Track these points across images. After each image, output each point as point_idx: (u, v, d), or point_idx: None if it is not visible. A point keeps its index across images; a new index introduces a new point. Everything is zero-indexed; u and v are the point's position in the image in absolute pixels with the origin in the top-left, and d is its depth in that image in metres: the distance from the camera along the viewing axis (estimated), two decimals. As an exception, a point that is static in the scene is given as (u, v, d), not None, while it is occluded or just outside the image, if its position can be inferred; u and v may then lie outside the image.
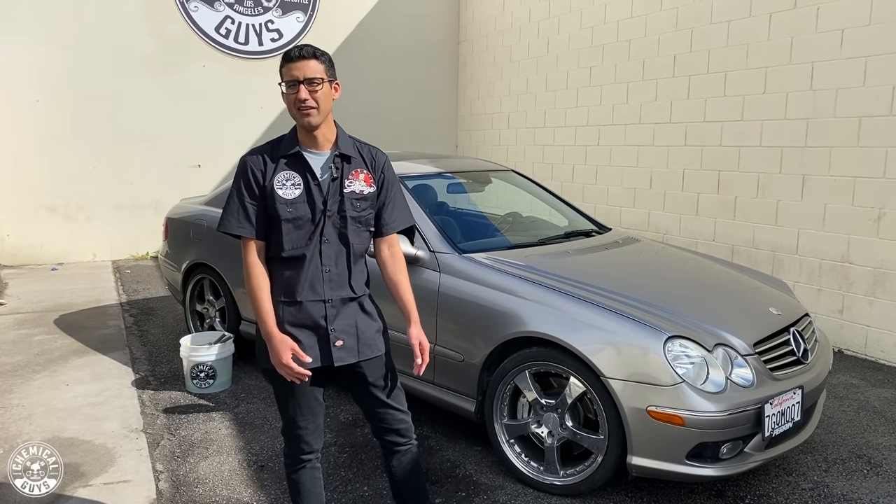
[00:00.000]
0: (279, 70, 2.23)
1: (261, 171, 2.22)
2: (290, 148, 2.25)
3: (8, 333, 5.37)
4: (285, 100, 2.22)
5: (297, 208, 2.20)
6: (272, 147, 2.28)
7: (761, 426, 2.81)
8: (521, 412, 3.24)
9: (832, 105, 5.16)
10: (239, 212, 2.23)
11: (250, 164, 2.24)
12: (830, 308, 5.30)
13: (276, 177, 2.21)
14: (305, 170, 2.24)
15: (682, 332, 2.92)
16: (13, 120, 7.80)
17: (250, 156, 2.26)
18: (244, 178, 2.23)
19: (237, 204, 2.23)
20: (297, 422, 2.33)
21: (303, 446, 2.37)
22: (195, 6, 8.60)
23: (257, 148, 2.30)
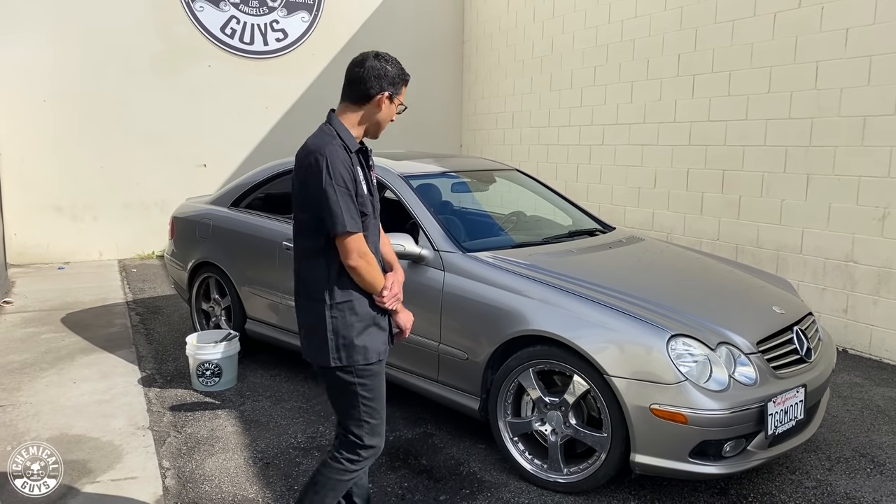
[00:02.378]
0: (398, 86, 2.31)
1: (349, 165, 2.21)
2: (355, 143, 2.28)
3: (15, 331, 5.41)
4: (389, 112, 2.31)
5: (368, 203, 2.28)
6: (339, 141, 2.23)
7: (764, 424, 2.82)
8: (525, 410, 3.25)
9: (837, 104, 5.16)
10: (350, 208, 2.17)
11: (342, 159, 2.19)
12: (835, 307, 5.30)
13: (356, 171, 2.24)
14: (365, 165, 2.32)
15: (685, 330, 2.93)
16: (21, 119, 7.85)
17: (336, 150, 2.19)
18: (345, 173, 2.17)
19: (347, 200, 2.17)
20: (384, 411, 2.36)
21: (383, 436, 2.38)
22: (201, 6, 8.64)
23: (328, 140, 2.21)
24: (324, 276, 2.25)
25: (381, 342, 2.34)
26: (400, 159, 4.52)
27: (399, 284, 2.38)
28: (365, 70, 2.28)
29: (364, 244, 2.21)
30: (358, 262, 2.19)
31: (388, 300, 2.29)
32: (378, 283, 2.26)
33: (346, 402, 2.31)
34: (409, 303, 3.65)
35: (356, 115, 2.30)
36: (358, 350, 2.26)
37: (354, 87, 2.28)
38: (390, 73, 2.30)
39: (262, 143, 9.16)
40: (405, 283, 3.60)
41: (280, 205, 4.93)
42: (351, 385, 2.28)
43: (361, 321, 2.27)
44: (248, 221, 4.66)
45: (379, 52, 2.35)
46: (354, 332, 2.25)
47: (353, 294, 2.26)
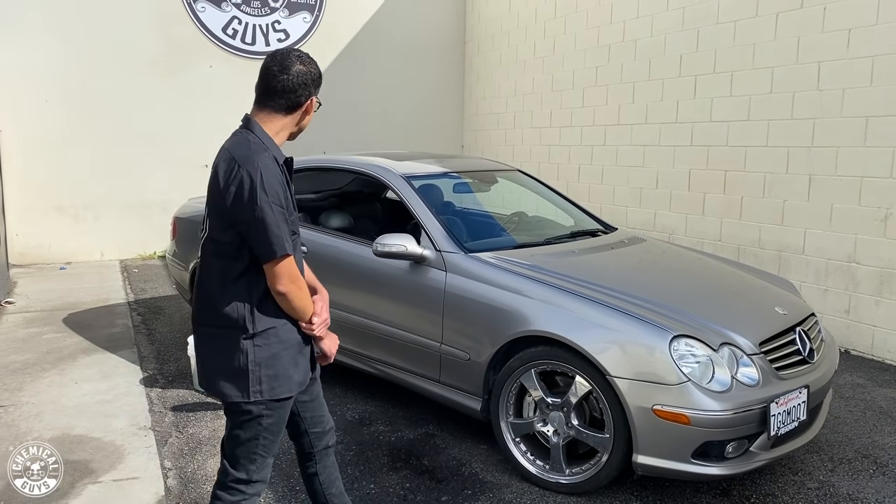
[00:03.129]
0: (319, 87, 2.14)
1: (282, 180, 2.03)
2: (281, 155, 2.09)
3: (17, 332, 5.42)
4: (310, 117, 2.16)
5: (296, 219, 2.13)
6: (269, 151, 2.04)
7: (767, 425, 2.82)
8: (527, 411, 3.25)
9: (839, 105, 5.16)
10: (284, 229, 1.98)
11: (278, 174, 2.00)
12: (837, 308, 5.29)
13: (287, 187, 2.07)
14: (289, 179, 2.13)
15: (687, 331, 2.92)
16: (23, 120, 7.85)
17: (269, 164, 1.99)
18: (280, 190, 1.99)
19: (283, 221, 1.98)
20: (276, 448, 2.19)
21: (268, 475, 2.22)
22: (202, 7, 8.64)
23: (262, 152, 2.01)
24: (245, 302, 2.03)
25: (304, 372, 2.16)
26: (402, 160, 4.52)
27: (327, 308, 2.21)
28: (293, 77, 2.06)
29: (295, 268, 2.02)
30: (289, 287, 2.00)
31: (317, 328, 2.12)
32: (308, 310, 2.08)
33: (247, 435, 2.10)
34: (411, 303, 3.67)
35: (281, 123, 2.10)
36: (281, 381, 2.06)
37: (282, 96, 2.07)
38: (315, 74, 2.12)
39: (264, 144, 9.15)
40: (407, 284, 3.64)
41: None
42: (259, 418, 2.08)
43: (287, 349, 2.08)
44: (249, 222, 4.65)
45: (297, 52, 2.12)
46: (279, 362, 2.06)
47: (279, 320, 2.06)
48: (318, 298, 2.20)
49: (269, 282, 2.01)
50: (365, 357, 3.97)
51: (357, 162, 4.47)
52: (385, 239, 3.59)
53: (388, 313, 3.78)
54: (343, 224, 4.58)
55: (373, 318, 3.85)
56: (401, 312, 3.73)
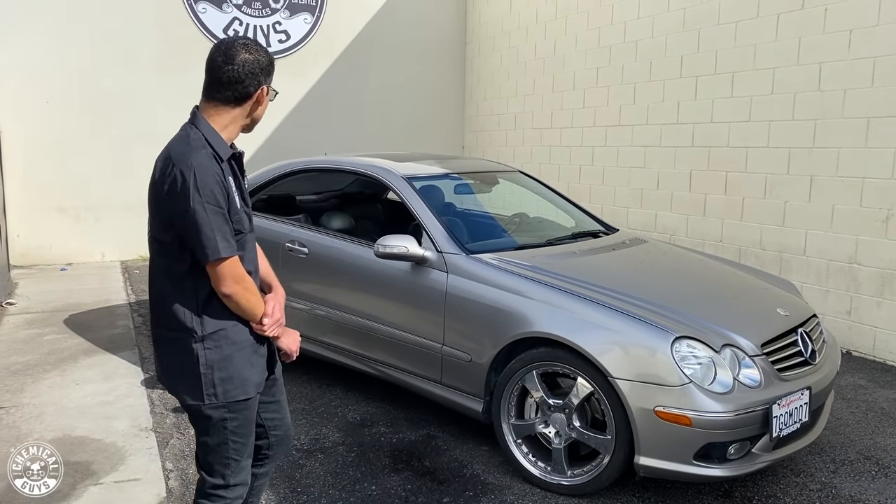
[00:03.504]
0: (270, 75, 2.04)
1: (221, 178, 1.92)
2: (227, 150, 1.99)
3: (18, 333, 5.42)
4: (264, 107, 2.06)
5: (245, 218, 2.04)
6: (208, 148, 1.95)
7: (769, 427, 2.81)
8: (529, 412, 3.25)
9: (840, 106, 5.16)
10: (224, 229, 1.90)
11: (214, 172, 1.90)
12: (838, 309, 5.29)
13: (230, 184, 1.97)
14: (239, 174, 2.05)
15: (689, 332, 2.92)
16: (24, 121, 7.85)
17: (204, 161, 1.90)
18: (216, 188, 1.89)
19: (221, 221, 1.89)
20: (251, 449, 2.14)
21: (248, 478, 2.17)
22: (203, 8, 8.65)
23: (198, 149, 1.92)
24: (192, 303, 1.96)
25: (261, 371, 2.08)
26: (403, 161, 4.52)
27: (280, 307, 2.11)
28: (238, 67, 1.96)
29: (240, 268, 1.95)
30: (233, 288, 1.92)
31: (268, 328, 2.04)
32: (257, 310, 2.00)
33: (215, 440, 2.05)
34: (412, 305, 3.67)
35: (230, 115, 2.00)
36: (236, 384, 2.00)
37: (229, 87, 1.97)
38: (264, 63, 2.00)
39: (264, 145, 9.15)
40: (408, 285, 3.64)
41: (283, 206, 4.93)
42: (222, 422, 2.02)
43: (240, 350, 2.01)
44: (250, 223, 4.65)
45: (243, 40, 2.01)
46: (233, 364, 1.99)
47: (228, 321, 1.99)
48: (271, 297, 2.12)
49: (213, 283, 1.94)
50: (366, 358, 3.96)
51: (358, 163, 4.47)
52: (386, 240, 3.59)
53: (390, 314, 3.78)
54: (344, 225, 4.57)
55: (374, 320, 3.84)
56: (402, 314, 3.73)
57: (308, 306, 4.22)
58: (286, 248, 4.30)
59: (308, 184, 5.28)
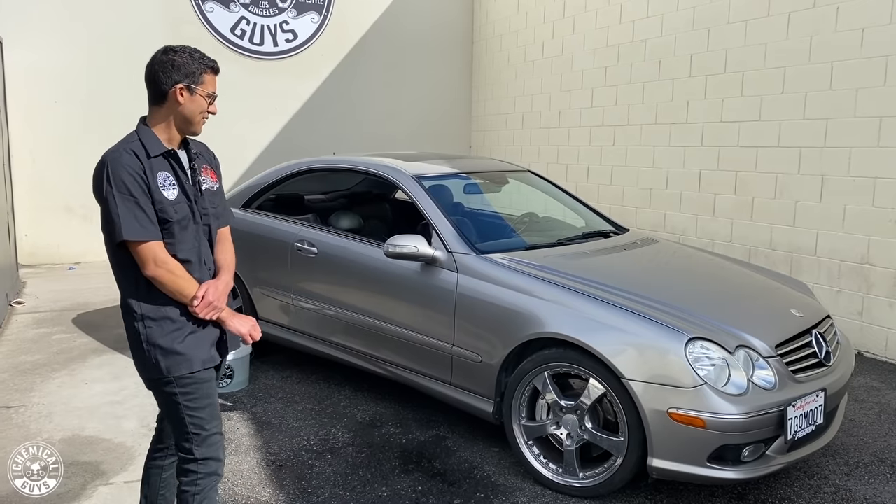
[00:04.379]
0: (198, 75, 2.15)
1: (140, 171, 2.06)
2: (160, 147, 2.14)
3: (27, 332, 5.42)
4: (193, 106, 2.15)
5: (180, 208, 2.14)
6: (136, 146, 2.11)
7: (784, 429, 2.79)
8: (540, 413, 3.22)
9: (852, 105, 5.11)
10: (137, 215, 2.04)
11: (126, 165, 2.05)
12: (850, 310, 5.25)
13: (156, 177, 2.10)
14: (177, 169, 2.18)
15: (703, 333, 2.89)
16: (32, 121, 7.87)
17: (120, 156, 2.06)
18: (127, 179, 2.03)
19: (132, 207, 2.04)
20: (215, 422, 2.23)
21: (221, 454, 2.25)
22: (211, 7, 8.65)
23: (120, 147, 2.10)
24: (133, 286, 2.14)
25: (207, 349, 2.21)
26: (412, 160, 4.50)
27: (216, 291, 2.19)
28: (152, 66, 2.15)
29: (161, 252, 2.08)
30: (156, 271, 2.07)
31: (200, 310, 2.14)
32: (185, 292, 2.12)
33: (173, 415, 2.20)
34: (422, 305, 3.65)
35: (159, 115, 2.16)
36: (178, 360, 2.14)
37: (149, 86, 2.16)
38: (180, 64, 2.12)
39: (272, 144, 9.16)
40: (418, 285, 3.62)
41: (292, 206, 4.92)
42: (174, 397, 2.16)
43: (180, 329, 2.15)
44: (259, 222, 4.65)
45: (171, 45, 2.19)
46: (172, 341, 2.13)
47: (168, 303, 2.14)
48: (207, 283, 2.19)
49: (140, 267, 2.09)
50: (375, 358, 3.95)
51: (367, 162, 4.45)
52: (396, 240, 3.57)
53: (399, 315, 3.76)
54: (353, 225, 4.56)
55: (383, 320, 3.83)
56: (411, 314, 3.71)
57: (317, 306, 4.21)
58: (295, 247, 4.29)
59: (316, 183, 5.26)
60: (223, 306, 2.21)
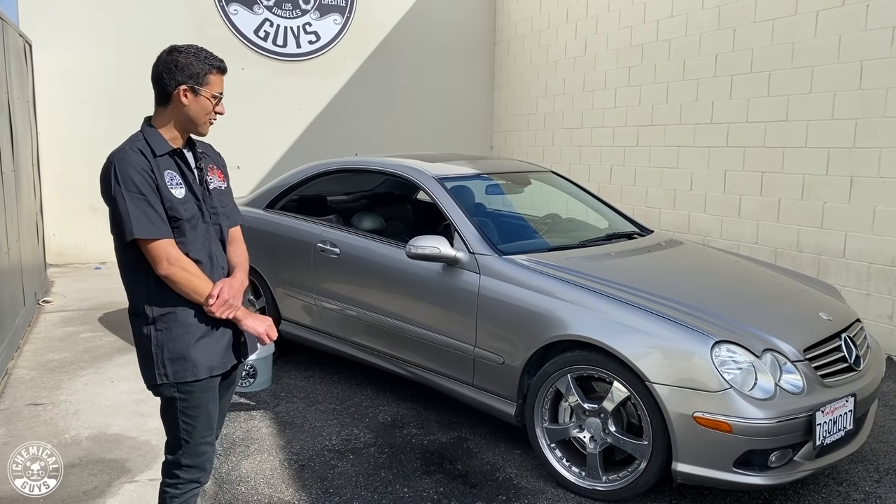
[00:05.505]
0: (202, 76, 2.12)
1: (148, 169, 2.06)
2: (165, 146, 2.13)
3: (55, 331, 5.50)
4: (198, 107, 2.13)
5: (189, 207, 2.12)
6: (142, 145, 2.11)
7: (812, 434, 2.74)
8: (563, 416, 3.20)
9: (882, 104, 5.02)
10: (148, 213, 2.03)
11: (134, 163, 2.05)
12: (880, 313, 5.15)
13: (164, 175, 2.09)
14: (184, 168, 2.16)
15: (729, 336, 2.86)
16: (60, 122, 7.99)
17: (127, 155, 2.06)
18: (136, 177, 2.03)
19: (142, 205, 2.02)
20: (206, 433, 2.21)
21: (206, 464, 2.24)
22: (235, 9, 8.72)
23: (126, 146, 2.10)
24: (143, 288, 2.11)
25: (217, 355, 2.17)
26: (433, 161, 4.50)
27: (231, 289, 2.15)
28: (157, 67, 2.15)
29: (174, 250, 2.05)
30: (169, 269, 2.04)
31: (216, 308, 2.10)
32: (201, 291, 2.09)
33: (168, 419, 2.18)
34: (444, 306, 3.65)
35: (164, 116, 2.16)
36: (185, 365, 2.10)
37: (155, 87, 2.16)
38: (184, 65, 2.10)
39: (295, 145, 9.21)
40: (440, 286, 3.61)
41: (315, 207, 4.95)
42: (172, 401, 2.14)
43: (189, 332, 2.11)
44: (282, 223, 4.67)
45: (176, 45, 2.16)
46: (182, 345, 2.10)
47: (177, 305, 2.10)
48: (222, 281, 2.16)
49: (152, 267, 2.06)
50: (397, 359, 3.95)
51: (389, 163, 4.46)
52: (418, 241, 3.57)
53: (421, 316, 3.76)
54: (375, 226, 4.56)
55: (405, 321, 3.83)
56: (433, 315, 3.71)
57: (339, 306, 4.22)
58: (318, 248, 4.31)
59: (339, 184, 5.28)
60: (239, 304, 2.19)
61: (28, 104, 6.88)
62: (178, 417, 2.15)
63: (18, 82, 6.11)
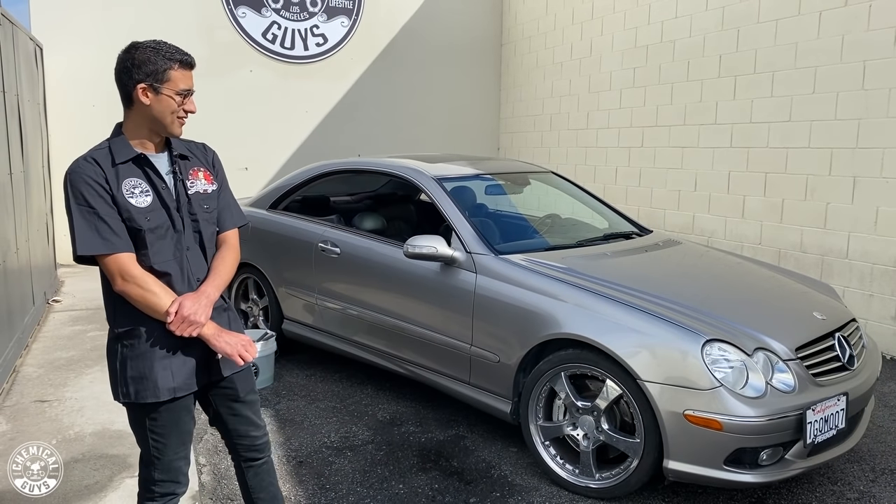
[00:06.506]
0: (162, 72, 1.98)
1: (102, 179, 1.93)
2: (128, 152, 2.00)
3: (63, 329, 5.59)
4: (161, 106, 1.99)
5: (154, 216, 1.99)
6: (101, 154, 2.00)
7: (803, 433, 2.75)
8: (557, 414, 3.23)
9: (885, 105, 5.01)
10: (99, 227, 1.91)
11: (84, 174, 1.92)
12: (882, 314, 5.13)
13: (122, 184, 1.96)
14: (152, 174, 2.03)
15: (721, 335, 2.87)
16: (70, 124, 8.10)
17: (78, 166, 1.95)
18: (85, 189, 1.91)
19: (92, 219, 1.91)
20: (179, 450, 2.13)
21: (181, 478, 2.18)
22: (243, 13, 8.81)
23: (81, 157, 1.99)
24: (110, 302, 2.04)
25: (182, 375, 2.04)
26: (434, 162, 4.54)
27: (194, 305, 1.95)
28: (117, 66, 2.02)
29: (129, 266, 1.93)
30: (123, 286, 1.93)
31: (174, 327, 1.94)
32: (158, 308, 1.94)
33: (138, 434, 2.10)
34: (441, 305, 3.68)
35: (130, 119, 2.04)
36: (146, 385, 1.99)
37: (118, 88, 2.04)
38: (141, 61, 1.97)
39: (302, 147, 9.28)
40: (437, 285, 3.65)
41: (316, 207, 5.00)
42: (140, 420, 2.06)
43: (153, 351, 1.99)
44: (285, 223, 4.73)
45: (137, 41, 2.02)
46: (145, 364, 1.99)
47: (142, 321, 1.98)
48: (186, 296, 1.99)
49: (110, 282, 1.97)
50: (396, 358, 3.99)
51: (390, 164, 4.50)
52: (416, 240, 3.61)
53: (419, 314, 3.80)
54: (376, 226, 4.61)
55: (404, 320, 3.87)
56: (431, 314, 3.75)
57: (340, 306, 4.27)
58: (319, 248, 4.36)
59: (341, 185, 5.33)
60: (203, 321, 1.98)
61: (39, 106, 6.99)
62: (147, 436, 2.08)
63: (29, 85, 6.22)
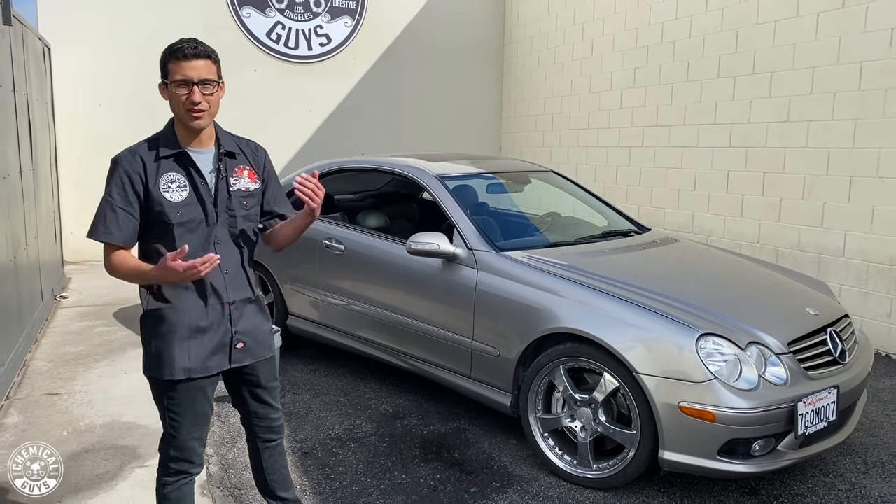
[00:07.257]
0: (163, 64, 2.14)
1: (139, 173, 2.09)
2: (172, 147, 2.15)
3: (71, 325, 5.68)
4: (173, 98, 2.12)
5: (187, 210, 2.12)
6: (149, 146, 2.15)
7: (794, 424, 2.83)
8: (556, 406, 3.31)
9: (881, 105, 5.08)
10: (108, 216, 2.08)
11: (122, 165, 2.10)
12: (878, 312, 5.20)
13: (160, 179, 2.10)
14: (191, 169, 2.16)
15: (715, 329, 2.95)
16: (78, 123, 8.19)
17: (120, 157, 2.13)
18: (115, 180, 2.09)
19: (106, 208, 2.09)
20: (193, 430, 2.25)
21: (195, 458, 2.29)
22: (248, 13, 8.89)
23: (131, 148, 2.15)
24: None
25: (199, 358, 2.16)
26: (437, 160, 4.62)
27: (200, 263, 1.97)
28: None
29: (118, 260, 2.09)
30: (112, 273, 2.12)
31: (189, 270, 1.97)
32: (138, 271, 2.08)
33: (158, 410, 2.26)
34: (443, 301, 3.76)
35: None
36: (164, 363, 2.14)
37: None
38: (160, 62, 2.17)
39: (306, 146, 9.37)
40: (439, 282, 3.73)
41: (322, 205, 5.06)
42: (159, 394, 2.21)
43: (172, 331, 2.14)
44: (290, 221, 4.80)
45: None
46: (165, 344, 2.14)
47: (165, 302, 2.14)
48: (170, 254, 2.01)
49: None
50: (399, 353, 4.07)
51: (393, 163, 4.58)
52: (418, 237, 3.69)
53: (422, 310, 3.88)
54: (379, 223, 4.69)
55: (407, 315, 3.95)
56: (433, 309, 3.83)
57: (344, 302, 4.35)
58: (323, 245, 4.44)
59: (346, 183, 5.41)
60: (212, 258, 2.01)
61: (47, 105, 7.08)
62: (164, 411, 2.23)
63: (37, 84, 6.31)
